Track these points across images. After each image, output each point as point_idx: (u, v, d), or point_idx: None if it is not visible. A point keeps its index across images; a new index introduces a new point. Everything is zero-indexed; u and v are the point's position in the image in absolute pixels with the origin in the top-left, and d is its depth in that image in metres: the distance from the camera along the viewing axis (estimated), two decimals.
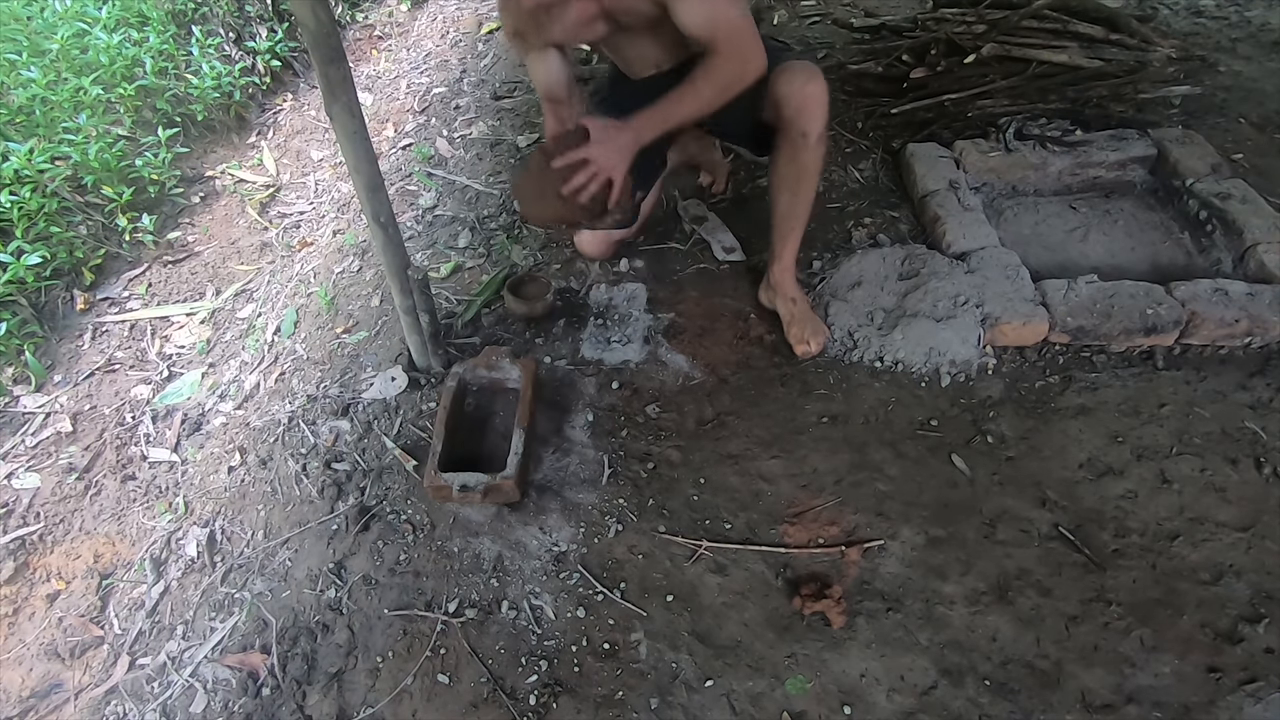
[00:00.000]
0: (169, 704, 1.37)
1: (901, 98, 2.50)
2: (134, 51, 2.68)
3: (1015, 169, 2.24)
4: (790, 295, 1.85)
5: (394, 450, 1.70)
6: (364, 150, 1.44)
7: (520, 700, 1.31)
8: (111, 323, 2.19)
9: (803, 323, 1.83)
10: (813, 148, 1.65)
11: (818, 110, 1.60)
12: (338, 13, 3.57)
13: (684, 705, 1.30)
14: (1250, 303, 1.77)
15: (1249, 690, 1.27)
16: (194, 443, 1.84)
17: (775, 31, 3.16)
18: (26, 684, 1.44)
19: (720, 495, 1.59)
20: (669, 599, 1.43)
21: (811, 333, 1.82)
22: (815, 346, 1.82)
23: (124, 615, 1.52)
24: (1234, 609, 1.37)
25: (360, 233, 2.32)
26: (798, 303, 1.85)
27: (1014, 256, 1.92)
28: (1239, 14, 3.02)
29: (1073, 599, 1.40)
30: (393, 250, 1.60)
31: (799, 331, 1.82)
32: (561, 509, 1.58)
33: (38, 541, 1.67)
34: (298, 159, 2.82)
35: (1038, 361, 1.81)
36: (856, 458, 1.64)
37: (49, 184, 2.23)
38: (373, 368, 1.89)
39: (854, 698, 1.29)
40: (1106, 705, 1.27)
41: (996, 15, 2.54)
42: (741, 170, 2.43)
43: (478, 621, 1.42)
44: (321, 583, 1.50)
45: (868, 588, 1.43)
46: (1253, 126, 2.45)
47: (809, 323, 1.83)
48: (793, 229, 1.79)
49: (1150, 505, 1.53)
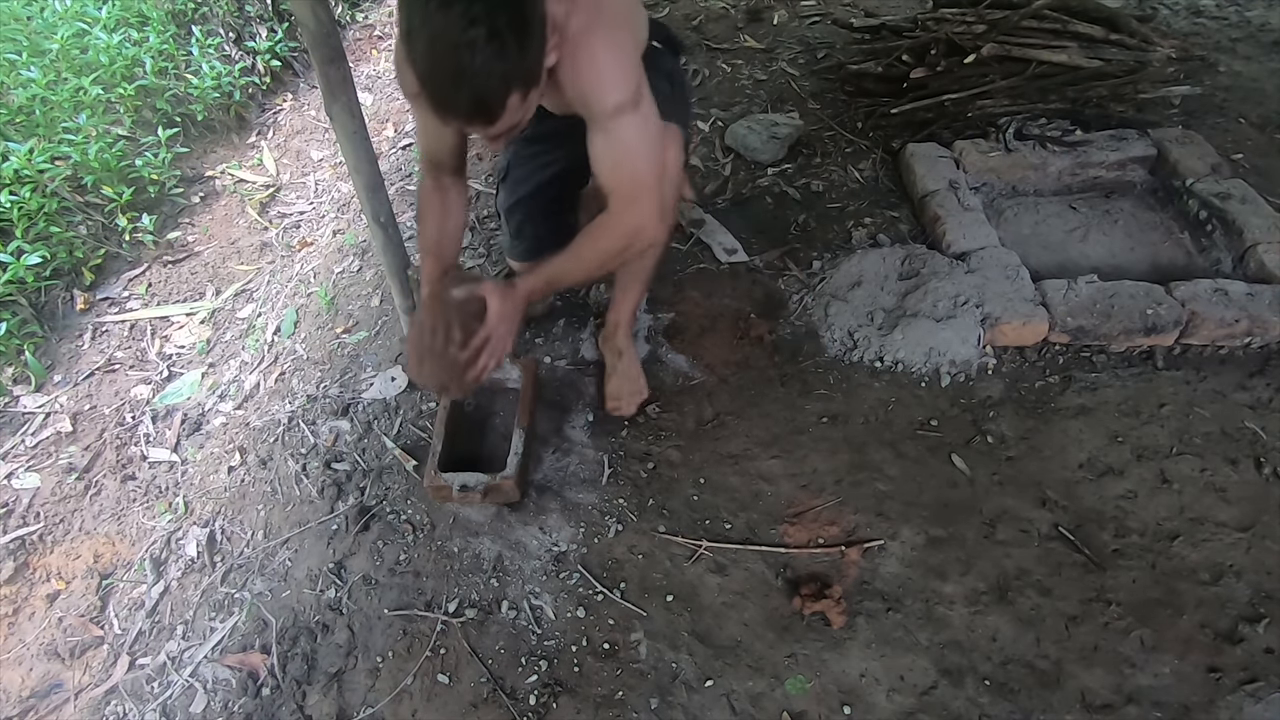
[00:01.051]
0: (169, 704, 1.37)
1: (901, 98, 2.50)
2: (134, 51, 2.68)
3: (1015, 169, 2.24)
4: (618, 348, 1.74)
5: (394, 450, 1.70)
6: (364, 150, 1.44)
7: (520, 700, 1.31)
8: (111, 323, 2.18)
9: (622, 379, 1.73)
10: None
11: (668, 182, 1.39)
12: (338, 13, 3.56)
13: (684, 705, 1.30)
14: (1250, 303, 1.77)
15: (1249, 690, 1.27)
16: (194, 443, 1.84)
17: (775, 31, 3.16)
18: (26, 684, 1.44)
19: (720, 495, 1.59)
20: (669, 599, 1.43)
21: (629, 392, 1.72)
22: (627, 408, 1.71)
23: (124, 615, 1.52)
24: (1234, 609, 1.37)
25: (360, 233, 2.32)
26: (623, 356, 1.74)
27: (1014, 256, 1.92)
28: (1239, 14, 3.02)
29: (1073, 599, 1.40)
30: (393, 250, 1.60)
31: (615, 387, 1.73)
32: (561, 509, 1.58)
33: (38, 541, 1.67)
34: (298, 159, 2.82)
35: (1038, 361, 1.81)
36: (856, 458, 1.64)
37: (49, 184, 2.23)
38: (373, 368, 1.89)
39: (854, 698, 1.29)
40: (1106, 705, 1.27)
41: (996, 15, 2.54)
42: (741, 170, 2.43)
43: (478, 621, 1.42)
44: (321, 583, 1.50)
45: (868, 588, 1.43)
46: (1253, 126, 2.45)
47: (629, 380, 1.73)
48: (629, 287, 1.66)
49: (1150, 505, 1.53)
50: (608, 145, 1.24)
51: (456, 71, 0.99)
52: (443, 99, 1.04)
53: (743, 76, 2.89)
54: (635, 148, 1.24)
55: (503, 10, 0.97)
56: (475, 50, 0.97)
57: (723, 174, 2.42)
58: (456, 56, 0.98)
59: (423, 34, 0.98)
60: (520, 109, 1.07)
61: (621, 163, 1.24)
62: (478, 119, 1.07)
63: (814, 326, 1.90)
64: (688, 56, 3.03)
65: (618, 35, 1.23)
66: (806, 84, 2.82)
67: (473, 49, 0.97)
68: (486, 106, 1.04)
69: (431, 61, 1.00)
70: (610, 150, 1.24)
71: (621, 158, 1.24)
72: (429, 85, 1.03)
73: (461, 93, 1.02)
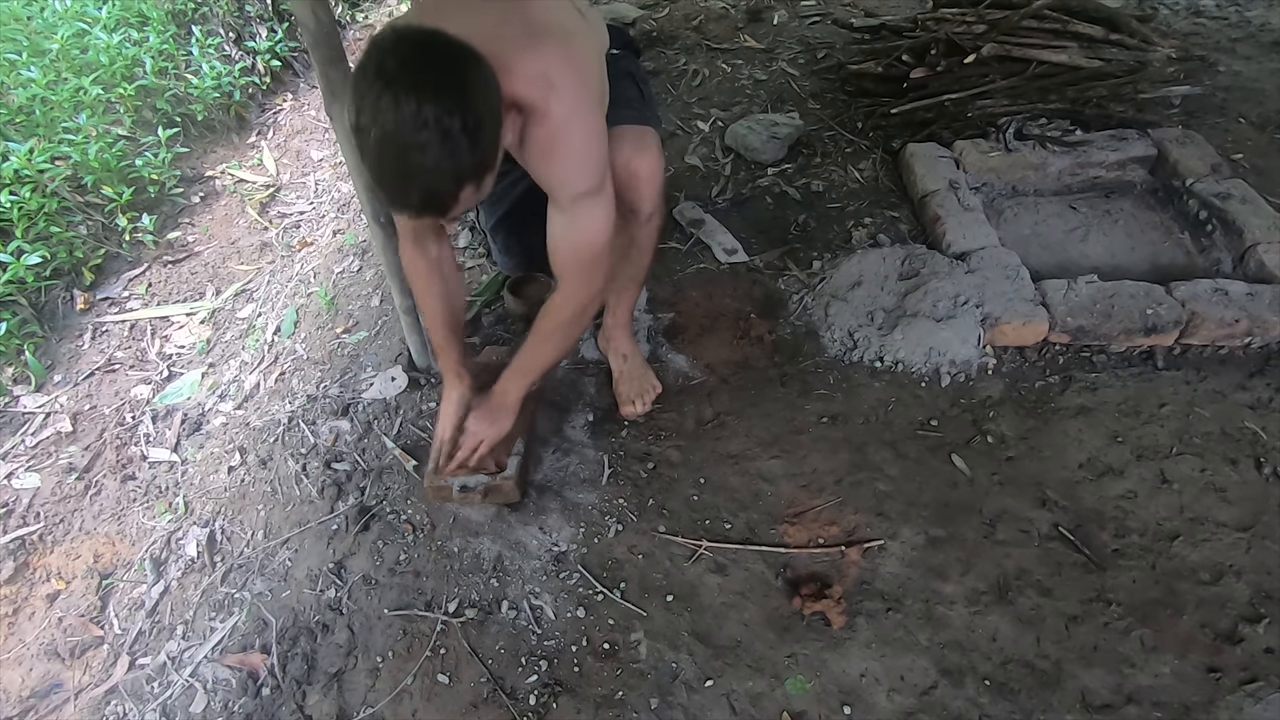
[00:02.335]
0: (169, 704, 1.37)
1: (901, 98, 2.50)
2: (134, 51, 2.68)
3: (1015, 169, 2.24)
4: (622, 350, 1.74)
5: (394, 450, 1.70)
6: None
7: (520, 700, 1.31)
8: (111, 323, 2.18)
9: (631, 380, 1.72)
10: (643, 224, 1.48)
11: (645, 188, 1.42)
12: (338, 13, 3.56)
13: (684, 705, 1.30)
14: (1250, 303, 1.77)
15: (1249, 690, 1.27)
16: (194, 443, 1.84)
17: (775, 31, 3.16)
18: (26, 684, 1.44)
19: (720, 495, 1.59)
20: (669, 599, 1.43)
21: (639, 392, 1.71)
22: (641, 407, 1.71)
23: (124, 615, 1.52)
24: (1234, 609, 1.37)
25: (360, 233, 2.32)
26: (629, 359, 1.74)
27: (1014, 256, 1.92)
28: (1239, 14, 3.02)
29: (1073, 599, 1.40)
30: (393, 250, 1.60)
31: (626, 390, 1.72)
32: (561, 509, 1.58)
33: (38, 541, 1.67)
34: (298, 159, 2.82)
35: (1038, 361, 1.81)
36: (856, 458, 1.64)
37: (49, 184, 2.23)
38: (373, 368, 1.89)
39: (854, 698, 1.29)
40: (1106, 705, 1.27)
41: (996, 15, 2.54)
42: (741, 170, 2.43)
43: (478, 621, 1.42)
44: (321, 583, 1.50)
45: (868, 588, 1.43)
46: (1253, 126, 2.45)
47: (638, 380, 1.73)
48: (625, 289, 1.66)
49: (1150, 505, 1.53)
50: (567, 227, 1.26)
51: (407, 172, 0.98)
52: (394, 196, 1.04)
53: (743, 76, 2.89)
54: (594, 230, 1.26)
55: (455, 111, 0.95)
56: (425, 152, 0.95)
57: (723, 174, 2.42)
58: (407, 158, 0.96)
59: (373, 132, 0.96)
60: (475, 196, 1.07)
61: (580, 246, 1.27)
62: (429, 213, 1.07)
63: (814, 326, 1.90)
64: (686, 56, 3.04)
65: (595, 121, 1.23)
66: (806, 84, 2.82)
67: (423, 151, 0.95)
68: (439, 202, 1.03)
69: (381, 161, 0.98)
70: (569, 232, 1.26)
71: (580, 241, 1.27)
72: (380, 182, 1.02)
73: (412, 192, 1.01)
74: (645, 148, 1.40)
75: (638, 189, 1.42)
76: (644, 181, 1.42)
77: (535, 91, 1.13)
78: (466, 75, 0.99)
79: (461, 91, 0.97)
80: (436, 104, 0.94)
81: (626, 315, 1.73)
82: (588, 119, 1.21)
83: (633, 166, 1.40)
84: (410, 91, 0.93)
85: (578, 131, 1.19)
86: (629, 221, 1.46)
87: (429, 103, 0.94)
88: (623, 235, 1.46)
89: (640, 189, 1.42)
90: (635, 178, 1.41)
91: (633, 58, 1.59)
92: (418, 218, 1.13)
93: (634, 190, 1.42)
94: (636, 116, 1.44)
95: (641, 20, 3.21)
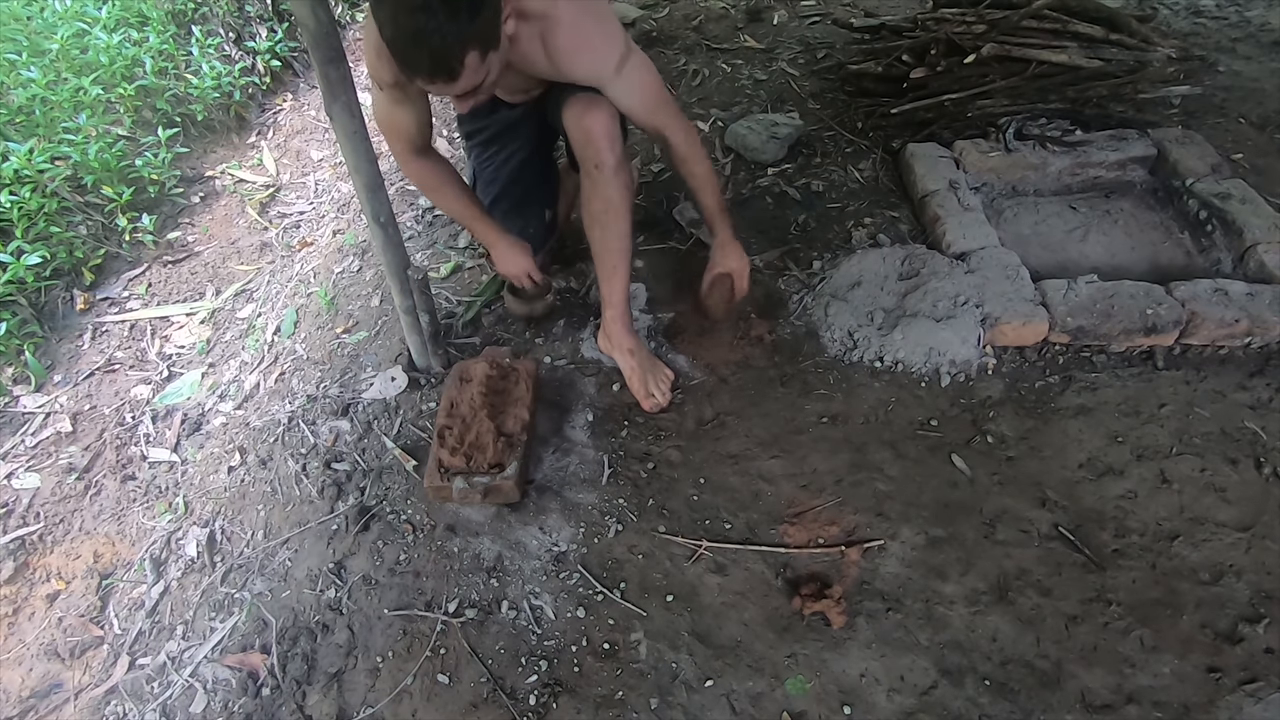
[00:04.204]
0: (169, 704, 1.37)
1: (901, 98, 2.50)
2: (134, 51, 2.68)
3: (1015, 169, 2.24)
4: (627, 346, 1.72)
5: (394, 450, 1.70)
6: (364, 150, 1.44)
7: (520, 700, 1.31)
8: (111, 323, 2.19)
9: (644, 374, 1.72)
10: (610, 179, 1.55)
11: (603, 140, 1.52)
12: (338, 13, 3.56)
13: (684, 705, 1.30)
14: (1250, 303, 1.77)
15: (1249, 690, 1.27)
16: (194, 443, 1.84)
17: (775, 31, 3.16)
18: (26, 684, 1.44)
19: (720, 495, 1.59)
20: (669, 599, 1.43)
21: (655, 383, 1.72)
22: (662, 397, 1.72)
23: (124, 615, 1.52)
24: (1234, 609, 1.37)
25: (360, 233, 2.32)
26: (635, 353, 1.73)
27: (1014, 256, 1.92)
28: (1239, 14, 3.02)
29: (1073, 599, 1.40)
30: (393, 250, 1.60)
31: (641, 385, 1.71)
32: (561, 509, 1.58)
33: (38, 541, 1.67)
34: (298, 159, 2.82)
35: (1038, 361, 1.81)
36: (856, 458, 1.64)
37: (49, 184, 2.23)
38: (373, 368, 1.89)
39: (854, 698, 1.29)
40: (1106, 705, 1.27)
41: (996, 15, 2.53)
42: (741, 170, 2.43)
43: (478, 621, 1.42)
44: (321, 583, 1.50)
45: (868, 588, 1.43)
46: (1253, 126, 2.45)
47: (651, 373, 1.73)
48: (615, 268, 1.66)
49: (1150, 505, 1.53)
50: (629, 92, 1.49)
51: (416, 33, 1.15)
52: (406, 58, 1.20)
53: (743, 76, 2.89)
54: (649, 78, 1.50)
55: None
56: (430, 14, 1.13)
57: (723, 174, 2.42)
58: (414, 20, 1.14)
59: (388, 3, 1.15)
60: (480, 69, 1.23)
61: (649, 94, 1.51)
62: (439, 75, 1.22)
63: (814, 326, 1.90)
64: (686, 56, 3.04)
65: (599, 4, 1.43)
66: (806, 84, 2.82)
67: (428, 12, 1.13)
68: (446, 64, 1.20)
69: (395, 27, 1.16)
70: (633, 93, 1.49)
71: (646, 92, 1.50)
72: (394, 47, 1.19)
73: (422, 51, 1.18)
74: (592, 104, 1.52)
75: (595, 143, 1.54)
76: (600, 134, 1.53)
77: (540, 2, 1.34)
78: None
79: None
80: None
81: (623, 304, 1.72)
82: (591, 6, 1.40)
83: (585, 123, 1.53)
84: None
85: (590, 20, 1.39)
86: (597, 180, 1.58)
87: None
88: (595, 199, 1.61)
89: (598, 142, 1.53)
90: (589, 133, 1.53)
91: None
92: (430, 82, 1.26)
93: (592, 144, 1.54)
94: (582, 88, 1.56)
95: (641, 20, 3.21)
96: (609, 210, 1.60)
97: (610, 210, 1.60)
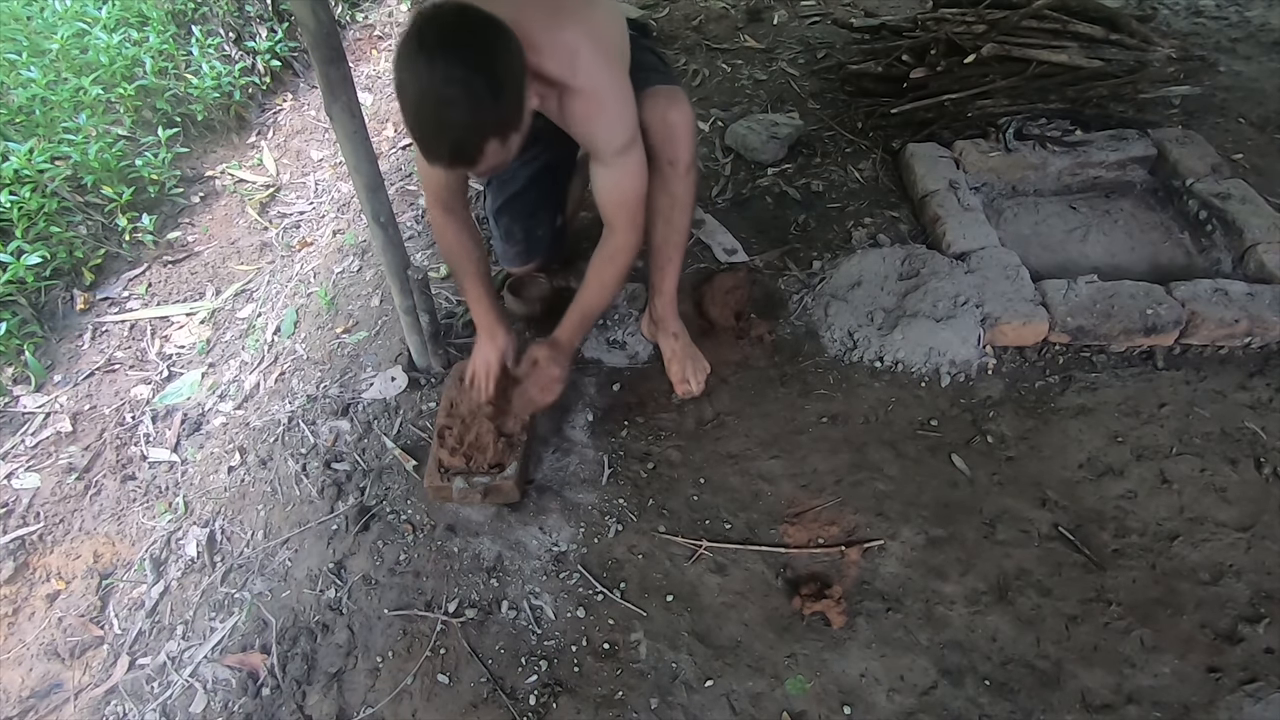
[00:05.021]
0: (169, 704, 1.37)
1: (901, 98, 2.50)
2: (134, 51, 2.68)
3: (1015, 169, 2.24)
4: (672, 330, 1.77)
5: (394, 450, 1.70)
6: (364, 150, 1.44)
7: (520, 700, 1.31)
8: (111, 323, 2.19)
9: (684, 360, 1.76)
10: (682, 176, 1.55)
11: (683, 138, 1.51)
12: (338, 13, 3.56)
13: (684, 705, 1.30)
14: (1250, 303, 1.77)
15: (1249, 690, 1.27)
16: (194, 443, 1.84)
17: (775, 31, 3.17)
18: (26, 684, 1.44)
19: (720, 495, 1.59)
20: (669, 599, 1.43)
21: (693, 371, 1.75)
22: (696, 386, 1.75)
23: (124, 615, 1.52)
24: (1234, 609, 1.37)
25: (360, 233, 2.32)
26: (679, 338, 1.77)
27: (1014, 256, 1.92)
28: (1239, 14, 3.02)
29: (1073, 599, 1.40)
30: (393, 250, 1.60)
31: (679, 370, 1.76)
32: (561, 509, 1.58)
33: (38, 541, 1.67)
34: (298, 159, 2.82)
35: (1038, 361, 1.81)
36: (856, 458, 1.64)
37: (49, 184, 2.23)
38: (373, 368, 1.89)
39: (854, 698, 1.29)
40: (1106, 705, 1.27)
41: (996, 15, 2.53)
42: (741, 170, 2.43)
43: (478, 621, 1.42)
44: (321, 583, 1.50)
45: (868, 588, 1.43)
46: (1253, 126, 2.45)
47: (690, 360, 1.76)
48: (670, 259, 1.69)
49: (1150, 505, 1.53)
50: (613, 178, 1.44)
51: (437, 123, 1.14)
52: (427, 146, 1.18)
53: (743, 76, 2.89)
54: (636, 177, 1.45)
55: (480, 72, 1.10)
56: (454, 107, 1.11)
57: (723, 174, 2.42)
58: (437, 111, 1.12)
59: (410, 88, 1.12)
60: (500, 152, 1.21)
61: (627, 191, 1.45)
62: (459, 163, 1.21)
63: (814, 326, 1.90)
64: (687, 56, 3.04)
65: (621, 84, 1.39)
66: (806, 84, 2.82)
67: (450, 105, 1.11)
68: (465, 153, 1.18)
69: (417, 114, 1.14)
70: (618, 181, 1.44)
71: (626, 186, 1.45)
72: (416, 134, 1.17)
73: (444, 142, 1.17)
74: (677, 101, 1.50)
75: (675, 140, 1.50)
76: (680, 133, 1.50)
77: (563, 67, 1.28)
78: (494, 44, 1.14)
79: (488, 57, 1.12)
80: (465, 67, 1.09)
81: (673, 292, 1.75)
82: (614, 84, 1.37)
83: (670, 119, 1.48)
84: (444, 55, 1.09)
85: (609, 97, 1.36)
86: (668, 177, 1.55)
87: (458, 65, 1.09)
88: (663, 195, 1.57)
89: (678, 140, 1.51)
90: (673, 129, 1.49)
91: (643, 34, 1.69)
92: (449, 168, 1.27)
93: (671, 143, 1.50)
94: (663, 78, 1.55)
95: (641, 20, 3.21)
96: (675, 206, 1.60)
97: (676, 207, 1.60)
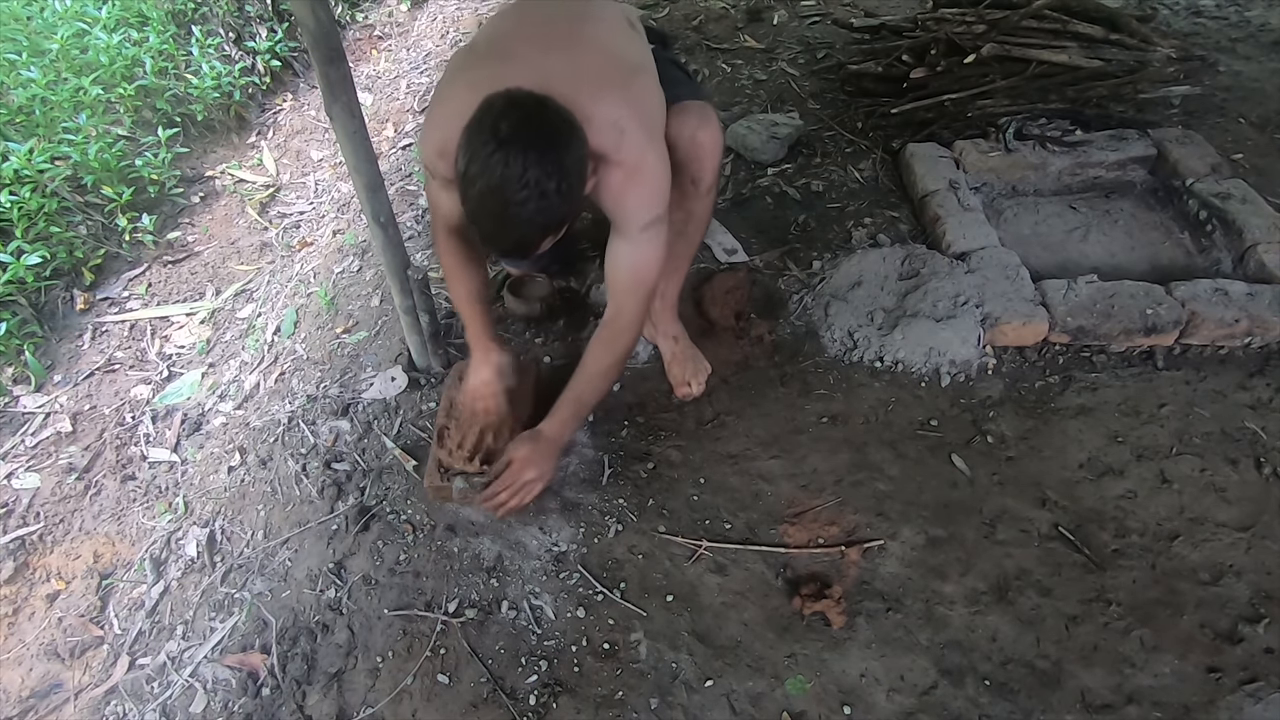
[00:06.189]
0: (169, 704, 1.37)
1: (901, 98, 2.50)
2: (134, 51, 2.68)
3: (1015, 169, 2.24)
4: (672, 333, 1.76)
5: (394, 450, 1.70)
6: (364, 150, 1.44)
7: (520, 700, 1.31)
8: (111, 323, 2.19)
9: (684, 362, 1.75)
10: (702, 196, 1.53)
11: (708, 159, 1.48)
12: (338, 13, 3.57)
13: (684, 705, 1.30)
14: (1250, 303, 1.77)
15: (1249, 690, 1.27)
16: (194, 443, 1.84)
17: (775, 31, 3.17)
18: (26, 684, 1.44)
19: (720, 495, 1.59)
20: (669, 599, 1.43)
21: (693, 373, 1.75)
22: (696, 388, 1.74)
23: (124, 615, 1.52)
24: (1234, 609, 1.37)
25: (360, 233, 2.32)
26: (679, 340, 1.77)
27: (1014, 256, 1.92)
28: (1239, 14, 3.02)
29: (1073, 599, 1.40)
30: (393, 250, 1.60)
31: (679, 372, 1.75)
32: (561, 509, 1.58)
33: (38, 541, 1.67)
34: (298, 159, 2.82)
35: (1038, 361, 1.81)
36: (856, 458, 1.64)
37: (49, 184, 2.23)
38: (373, 368, 1.89)
39: (854, 698, 1.29)
40: (1106, 705, 1.27)
41: (996, 15, 2.54)
42: (741, 170, 2.43)
43: (478, 621, 1.42)
44: (321, 583, 1.50)
45: (868, 588, 1.43)
46: (1253, 126, 2.45)
47: (690, 362, 1.76)
48: (676, 268, 1.67)
49: (1150, 505, 1.53)
50: (633, 255, 1.37)
51: (504, 220, 1.13)
52: (488, 237, 1.20)
53: (743, 76, 2.89)
54: (655, 257, 1.38)
55: (553, 176, 1.09)
56: (524, 207, 1.10)
57: (723, 174, 2.42)
58: (506, 210, 1.11)
59: (480, 181, 1.10)
60: (551, 241, 1.20)
61: (642, 269, 1.38)
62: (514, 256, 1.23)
63: (814, 326, 1.90)
64: (687, 56, 3.04)
65: (662, 158, 1.33)
66: (806, 84, 2.82)
67: (522, 206, 1.10)
68: (526, 248, 1.19)
69: (483, 207, 1.13)
70: (635, 259, 1.38)
71: (643, 266, 1.38)
72: (478, 223, 1.17)
73: (506, 237, 1.16)
74: (708, 120, 1.46)
75: (701, 160, 1.47)
76: (708, 153, 1.47)
77: (609, 140, 1.24)
78: (570, 144, 1.13)
79: (561, 157, 1.11)
80: (539, 167, 1.08)
81: (675, 296, 1.74)
82: (656, 159, 1.31)
83: (699, 138, 1.45)
84: (519, 154, 1.07)
85: (648, 171, 1.30)
86: (688, 195, 1.51)
87: (534, 166, 1.08)
88: (680, 210, 1.50)
89: (704, 160, 1.48)
90: (701, 148, 1.46)
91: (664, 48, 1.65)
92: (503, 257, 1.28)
93: (698, 161, 1.47)
94: (691, 93, 1.50)
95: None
96: (690, 222, 1.58)
97: (691, 223, 1.59)
